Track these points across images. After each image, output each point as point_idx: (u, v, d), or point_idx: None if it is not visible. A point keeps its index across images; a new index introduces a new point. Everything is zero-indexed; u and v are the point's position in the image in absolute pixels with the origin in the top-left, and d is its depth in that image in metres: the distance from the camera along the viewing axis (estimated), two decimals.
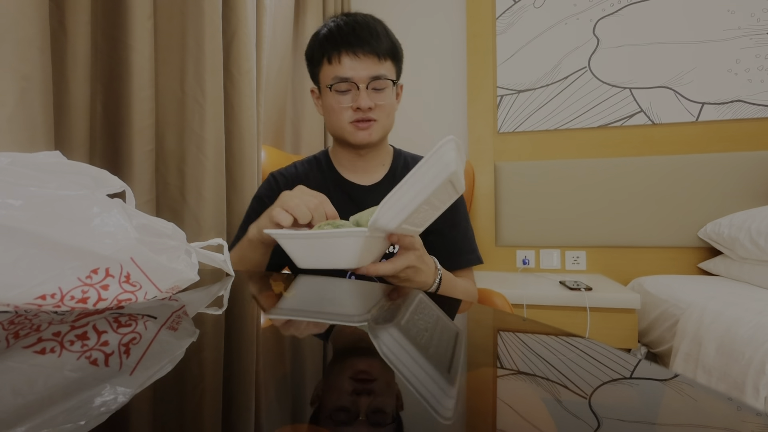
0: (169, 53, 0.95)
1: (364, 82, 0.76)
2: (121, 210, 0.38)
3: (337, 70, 0.77)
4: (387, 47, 0.78)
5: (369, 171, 0.89)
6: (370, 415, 0.21)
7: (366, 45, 0.75)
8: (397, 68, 0.83)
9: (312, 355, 0.32)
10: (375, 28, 0.77)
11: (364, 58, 0.76)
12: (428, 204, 0.49)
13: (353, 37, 0.75)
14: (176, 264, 0.43)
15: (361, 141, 0.81)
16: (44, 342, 0.30)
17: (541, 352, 0.31)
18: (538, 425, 0.21)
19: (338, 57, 0.76)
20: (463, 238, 0.87)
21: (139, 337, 0.32)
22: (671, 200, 1.76)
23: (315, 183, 0.87)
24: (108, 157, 0.85)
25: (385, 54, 0.78)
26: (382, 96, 0.79)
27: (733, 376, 1.01)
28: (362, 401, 0.23)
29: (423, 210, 0.52)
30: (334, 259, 0.50)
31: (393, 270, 0.57)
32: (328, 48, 0.77)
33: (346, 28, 0.76)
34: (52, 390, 0.23)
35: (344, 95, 0.78)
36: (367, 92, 0.77)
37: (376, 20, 0.80)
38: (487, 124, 1.99)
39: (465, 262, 0.86)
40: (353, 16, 0.79)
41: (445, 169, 0.44)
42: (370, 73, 0.76)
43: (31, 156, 0.39)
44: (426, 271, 0.62)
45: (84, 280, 0.36)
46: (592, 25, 1.87)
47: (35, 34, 0.62)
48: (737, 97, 1.73)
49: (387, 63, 0.79)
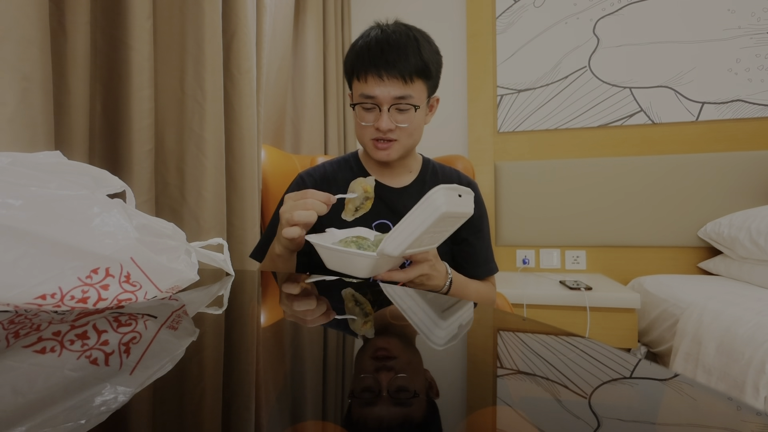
0: (169, 53, 0.94)
1: (387, 104, 0.77)
2: (122, 210, 0.38)
3: (363, 87, 0.78)
4: (416, 67, 0.76)
5: (396, 176, 0.91)
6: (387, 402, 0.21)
7: (392, 68, 0.75)
8: (430, 85, 0.82)
9: (312, 353, 0.32)
10: (405, 48, 0.76)
11: (388, 81, 0.75)
12: (428, 234, 0.60)
13: (380, 59, 0.75)
14: (176, 264, 0.43)
15: (380, 159, 0.83)
16: (44, 341, 0.30)
17: (541, 352, 0.31)
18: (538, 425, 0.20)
19: (365, 76, 0.77)
20: (487, 249, 0.93)
21: (139, 336, 0.32)
22: (671, 200, 1.76)
23: (344, 183, 0.87)
24: (107, 156, 0.85)
25: (413, 74, 0.76)
26: (404, 117, 0.79)
27: (733, 375, 1.01)
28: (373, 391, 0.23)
29: (426, 237, 0.62)
30: (352, 270, 0.63)
31: (405, 278, 0.67)
32: (357, 65, 0.78)
33: (375, 48, 0.76)
34: (52, 389, 0.23)
35: (369, 112, 0.79)
36: (389, 114, 0.78)
37: (411, 36, 0.78)
38: (487, 124, 1.99)
39: (487, 271, 0.92)
40: (387, 32, 0.78)
41: (435, 211, 0.57)
42: (393, 94, 0.76)
43: (32, 156, 0.39)
44: (437, 277, 0.70)
45: (84, 279, 0.36)
46: (592, 24, 1.87)
47: (35, 33, 0.62)
48: (737, 97, 1.73)
49: (415, 84, 0.77)
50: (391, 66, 0.75)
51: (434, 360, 0.30)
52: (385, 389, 0.24)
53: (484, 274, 0.91)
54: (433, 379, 0.27)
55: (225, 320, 0.40)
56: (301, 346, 0.34)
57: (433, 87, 0.84)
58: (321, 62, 1.72)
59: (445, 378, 0.27)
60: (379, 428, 0.21)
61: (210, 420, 0.21)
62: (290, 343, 0.35)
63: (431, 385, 0.26)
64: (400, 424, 0.21)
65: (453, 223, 0.66)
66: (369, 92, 0.77)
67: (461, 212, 0.63)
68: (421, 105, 0.80)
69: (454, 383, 0.27)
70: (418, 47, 0.77)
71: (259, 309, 0.47)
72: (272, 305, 0.50)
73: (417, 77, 0.77)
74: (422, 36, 0.80)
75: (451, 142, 2.05)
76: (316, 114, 1.70)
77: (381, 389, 0.24)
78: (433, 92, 0.84)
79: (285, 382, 0.26)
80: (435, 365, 0.29)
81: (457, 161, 1.26)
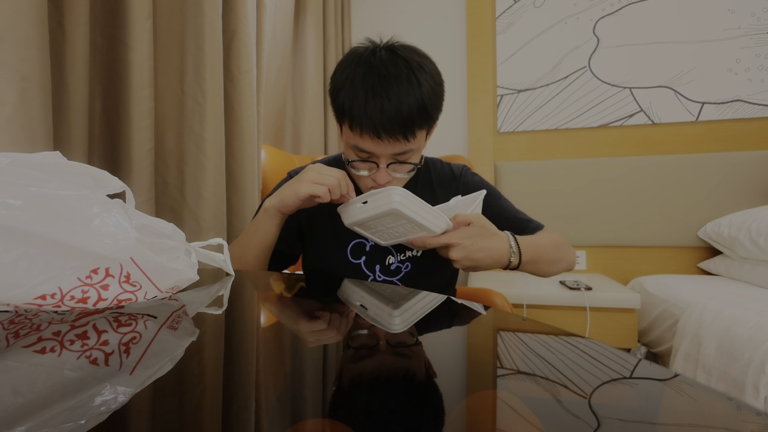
0: (169, 53, 0.94)
1: (385, 161, 0.70)
2: (122, 210, 0.38)
3: (357, 140, 0.69)
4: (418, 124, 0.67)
5: None
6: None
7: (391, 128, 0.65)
8: (430, 125, 0.72)
9: (312, 353, 0.32)
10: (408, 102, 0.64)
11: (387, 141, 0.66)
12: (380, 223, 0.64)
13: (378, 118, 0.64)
14: (176, 264, 0.43)
15: None
16: (44, 341, 0.29)
17: (541, 352, 0.31)
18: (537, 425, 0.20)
19: (359, 130, 0.67)
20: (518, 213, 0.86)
21: (139, 336, 0.32)
22: (671, 200, 1.76)
23: None
24: (107, 156, 0.85)
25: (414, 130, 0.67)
26: (404, 167, 0.73)
27: (733, 375, 1.01)
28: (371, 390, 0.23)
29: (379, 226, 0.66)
30: None
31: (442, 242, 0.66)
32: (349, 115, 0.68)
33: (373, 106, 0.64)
34: (52, 389, 0.23)
35: (363, 163, 0.72)
36: (387, 169, 0.71)
37: (413, 75, 0.66)
38: (487, 124, 1.99)
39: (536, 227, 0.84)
40: (385, 75, 0.65)
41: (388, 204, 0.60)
42: (392, 152, 0.69)
43: (32, 156, 0.39)
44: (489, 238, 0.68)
45: (84, 280, 0.36)
46: (592, 24, 1.87)
47: (35, 34, 0.62)
48: (737, 97, 1.73)
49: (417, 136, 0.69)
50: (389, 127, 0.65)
51: (434, 360, 0.30)
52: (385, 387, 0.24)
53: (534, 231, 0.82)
54: (432, 377, 0.26)
55: (225, 320, 0.40)
56: (301, 346, 0.34)
57: (434, 121, 0.74)
58: (321, 62, 1.72)
59: (445, 378, 0.27)
60: (379, 425, 0.21)
61: (210, 420, 0.21)
62: (290, 342, 0.35)
63: (431, 383, 0.26)
64: (400, 422, 0.21)
65: (409, 229, 0.66)
66: (365, 148, 0.69)
67: (418, 221, 0.63)
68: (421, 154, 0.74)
69: (454, 383, 0.27)
70: (421, 91, 0.65)
71: (259, 309, 0.47)
72: (272, 306, 0.50)
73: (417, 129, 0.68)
74: (420, 67, 0.67)
75: (451, 142, 2.05)
76: (316, 114, 1.70)
77: (380, 388, 0.24)
78: (433, 125, 0.75)
79: (285, 381, 0.26)
80: (435, 365, 0.29)
81: (456, 161, 1.26)
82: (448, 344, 0.36)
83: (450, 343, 0.36)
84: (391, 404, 0.23)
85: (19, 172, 0.35)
